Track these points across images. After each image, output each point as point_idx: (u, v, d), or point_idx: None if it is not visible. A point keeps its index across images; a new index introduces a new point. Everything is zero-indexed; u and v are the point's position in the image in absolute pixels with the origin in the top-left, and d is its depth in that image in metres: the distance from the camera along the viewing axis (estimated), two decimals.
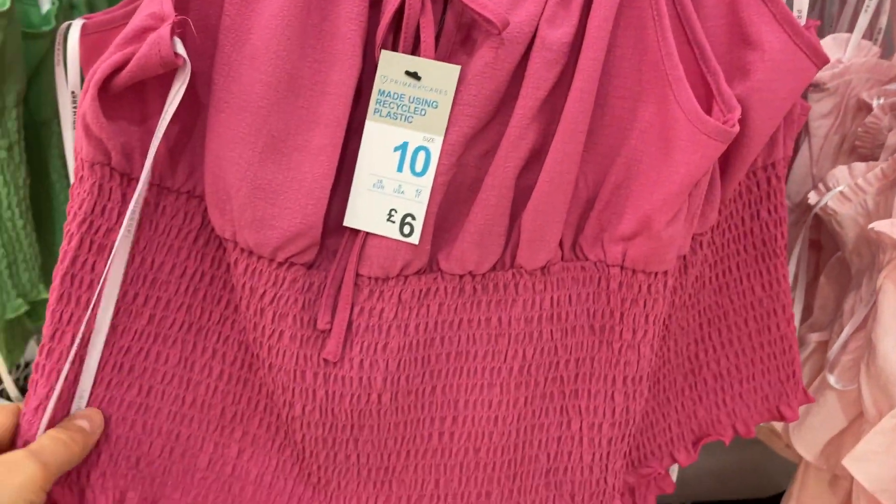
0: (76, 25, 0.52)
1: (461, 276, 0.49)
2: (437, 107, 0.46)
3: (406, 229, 0.47)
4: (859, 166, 0.70)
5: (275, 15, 0.45)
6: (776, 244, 0.56)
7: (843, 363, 0.71)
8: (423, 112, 0.46)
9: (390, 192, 0.47)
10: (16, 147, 0.66)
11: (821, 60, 0.50)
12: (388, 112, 0.47)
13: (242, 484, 0.51)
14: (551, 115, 0.47)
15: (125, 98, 0.47)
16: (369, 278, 0.49)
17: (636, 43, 0.47)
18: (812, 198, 0.72)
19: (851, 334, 0.71)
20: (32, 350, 0.84)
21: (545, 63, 0.45)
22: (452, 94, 0.46)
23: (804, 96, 0.77)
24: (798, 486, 0.80)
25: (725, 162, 0.51)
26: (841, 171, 0.71)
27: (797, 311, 0.76)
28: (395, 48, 0.47)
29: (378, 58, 0.46)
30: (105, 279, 0.47)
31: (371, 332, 0.49)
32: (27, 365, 0.93)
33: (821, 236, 0.80)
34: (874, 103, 0.72)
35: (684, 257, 0.52)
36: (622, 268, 0.49)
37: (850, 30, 0.72)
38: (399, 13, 0.46)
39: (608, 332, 0.51)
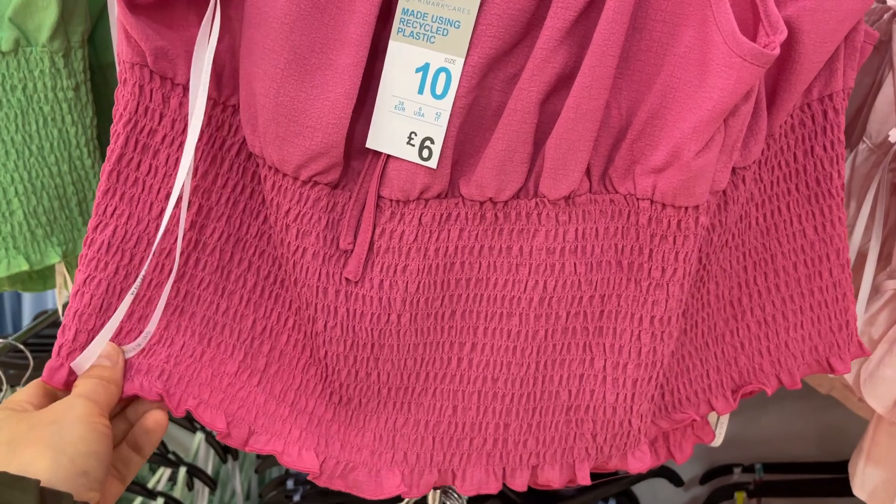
0: None
1: (482, 203, 0.48)
2: (459, 27, 0.45)
3: (425, 153, 0.46)
4: None
5: None
6: (831, 184, 0.53)
7: None
8: (445, 32, 0.45)
9: (411, 114, 0.47)
10: (83, 87, 0.69)
11: None
12: (412, 31, 0.46)
13: (266, 397, 0.53)
14: (583, 39, 0.45)
15: (159, 4, 0.48)
16: (391, 200, 0.49)
17: None
18: (893, 135, 0.66)
19: None
20: None
21: None
22: (475, 14, 0.44)
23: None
24: (869, 441, 0.76)
25: (773, 90, 0.48)
26: None
27: (872, 259, 0.71)
28: None
29: None
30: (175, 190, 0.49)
31: (391, 254, 0.49)
32: None
33: None
34: None
35: (724, 192, 0.49)
36: (652, 201, 0.47)
37: None
38: None
39: (636, 269, 0.49)
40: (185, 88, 0.50)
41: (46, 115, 0.68)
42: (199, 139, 0.51)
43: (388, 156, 0.48)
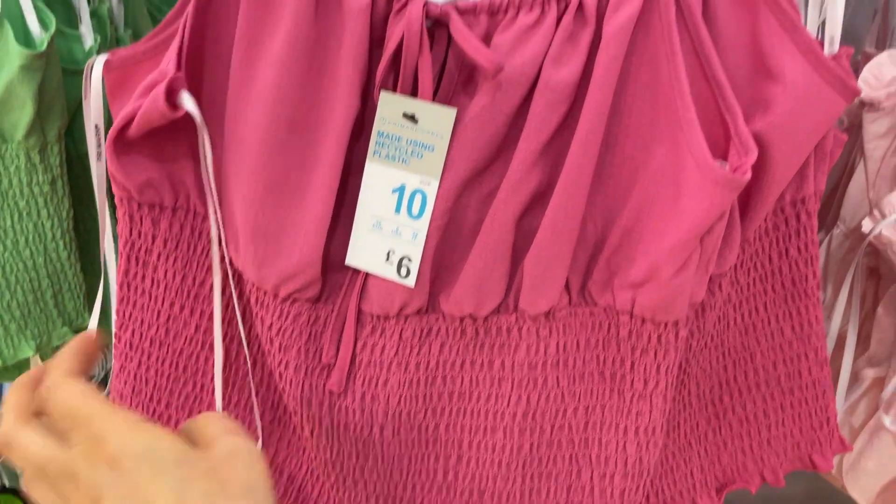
0: (100, 61, 0.54)
1: (462, 318, 0.48)
2: (433, 150, 0.45)
3: (403, 271, 0.47)
4: None
5: (278, 59, 0.45)
6: (807, 284, 0.53)
7: None
8: (419, 155, 0.46)
9: (388, 233, 0.47)
10: (59, 181, 0.69)
11: (849, 93, 0.46)
12: (387, 154, 0.47)
13: (280, 482, 0.55)
14: (557, 157, 0.46)
15: (143, 142, 0.50)
16: (371, 315, 0.49)
17: (649, 81, 0.45)
18: (866, 225, 0.68)
19: None
20: None
21: (548, 105, 0.44)
22: (448, 138, 0.45)
23: (853, 118, 0.73)
24: None
25: (746, 200, 0.49)
26: None
27: (850, 343, 0.72)
28: (395, 89, 0.46)
29: (377, 100, 0.46)
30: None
31: (373, 367, 0.50)
32: None
33: (880, 264, 0.75)
34: None
35: (701, 300, 0.49)
36: (632, 315, 0.47)
37: None
38: (398, 54, 0.45)
39: (619, 380, 0.49)
40: (173, 210, 0.53)
41: (22, 210, 0.67)
42: (193, 251, 0.54)
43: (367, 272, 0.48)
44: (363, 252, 0.48)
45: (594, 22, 0.44)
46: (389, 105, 0.46)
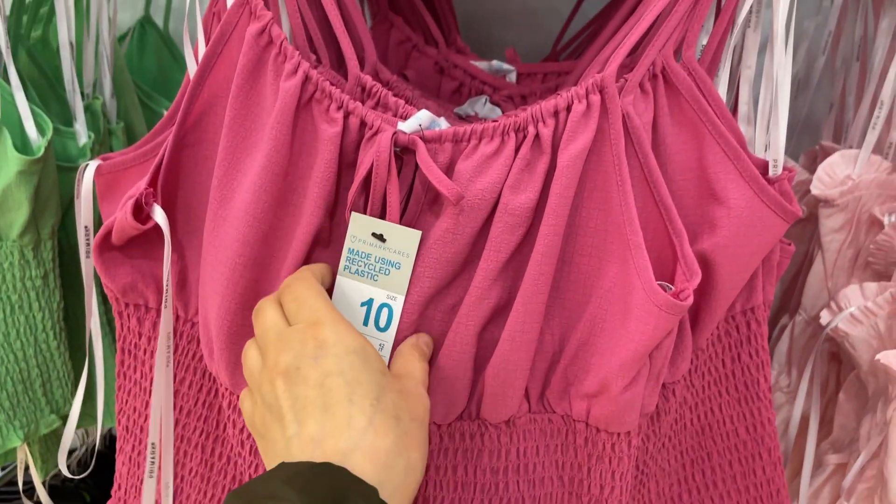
0: (91, 166, 0.58)
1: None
2: (399, 268, 0.48)
3: None
4: (871, 287, 0.69)
5: (254, 184, 0.49)
6: (759, 388, 0.56)
7: (859, 491, 0.68)
8: (387, 272, 0.49)
9: None
10: (51, 274, 0.72)
11: (790, 216, 0.50)
12: (357, 269, 0.49)
13: None
14: (516, 274, 0.49)
15: (127, 248, 0.55)
16: None
17: (601, 204, 0.48)
18: (824, 317, 0.71)
19: (867, 462, 0.68)
20: None
21: (507, 227, 0.47)
22: (414, 257, 0.48)
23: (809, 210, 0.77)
24: None
25: (697, 313, 0.52)
26: (853, 291, 0.69)
27: (812, 430, 0.74)
28: (365, 209, 0.50)
29: (348, 219, 0.49)
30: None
31: None
32: None
33: (840, 351, 0.77)
34: (885, 220, 0.70)
35: (656, 405, 0.52)
36: (587, 424, 0.50)
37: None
38: (370, 177, 0.49)
39: (577, 484, 0.51)
40: (157, 311, 0.57)
41: (14, 304, 0.70)
42: (175, 351, 0.57)
43: None
44: None
45: (550, 151, 0.47)
46: (360, 225, 0.49)
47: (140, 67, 0.94)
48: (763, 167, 0.53)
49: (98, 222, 0.59)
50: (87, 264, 0.60)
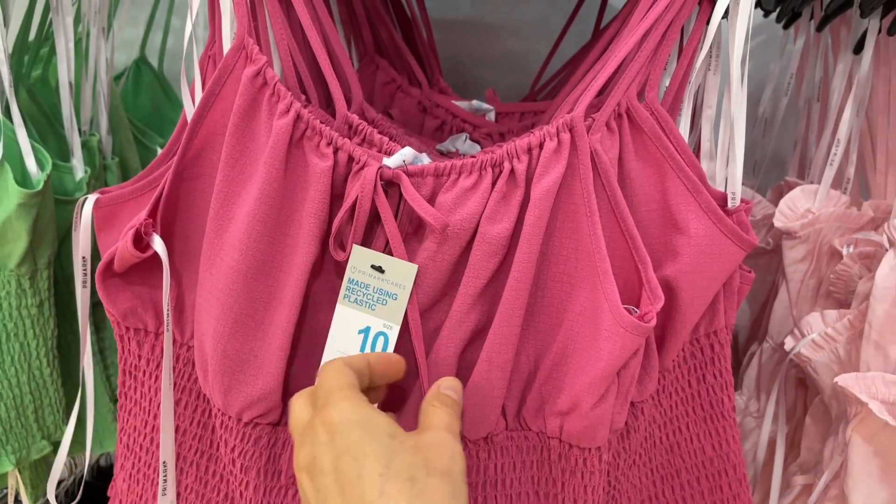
0: (90, 200, 0.61)
1: None
2: (396, 299, 0.51)
3: None
4: (831, 314, 0.72)
5: (250, 213, 0.52)
6: (723, 407, 0.59)
7: None
8: (384, 302, 0.52)
9: None
10: (46, 303, 0.74)
11: (746, 245, 0.54)
12: (356, 299, 0.52)
13: None
14: (493, 298, 0.52)
15: (127, 275, 0.58)
16: None
17: (571, 234, 0.52)
18: (788, 343, 0.74)
19: (830, 481, 0.71)
20: None
21: (485, 255, 0.51)
22: (410, 288, 0.51)
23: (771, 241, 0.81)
24: None
25: (662, 335, 0.55)
26: (814, 318, 0.73)
27: (779, 452, 0.77)
28: (354, 238, 0.53)
29: (332, 250, 0.52)
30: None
31: None
32: None
33: (805, 375, 0.81)
34: (844, 251, 0.74)
35: (625, 423, 0.55)
36: (560, 440, 0.53)
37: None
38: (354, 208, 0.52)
39: (552, 499, 0.54)
40: (155, 335, 0.59)
41: (10, 331, 0.72)
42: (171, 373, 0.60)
43: None
44: None
45: (524, 185, 0.51)
46: (360, 257, 0.52)
47: (135, 105, 0.98)
48: (722, 199, 0.56)
49: (94, 253, 0.62)
50: (84, 294, 0.63)
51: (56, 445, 0.77)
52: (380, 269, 0.52)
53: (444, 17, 1.05)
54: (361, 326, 0.52)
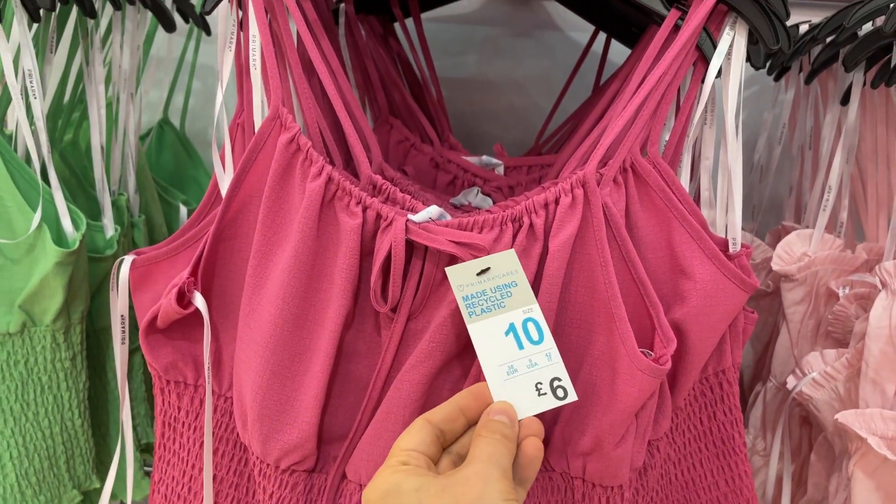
0: (127, 261, 0.64)
1: None
2: (517, 285, 0.51)
3: (560, 392, 0.48)
4: (830, 353, 0.76)
5: (285, 270, 0.55)
6: (734, 443, 0.62)
7: None
8: (509, 294, 0.51)
9: (525, 369, 0.48)
10: (79, 356, 0.77)
11: (748, 287, 0.57)
12: (482, 309, 0.50)
13: None
14: None
15: (169, 331, 0.61)
16: (357, 484, 0.56)
17: (587, 282, 0.55)
18: (790, 382, 0.77)
19: None
20: None
21: None
22: (523, 270, 0.51)
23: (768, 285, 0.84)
24: None
25: (674, 375, 0.58)
26: (814, 358, 0.76)
27: (786, 490, 0.79)
28: (385, 289, 0.56)
29: (376, 303, 0.55)
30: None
31: None
32: None
33: (809, 413, 0.84)
34: (840, 293, 0.78)
35: (644, 460, 0.58)
36: (583, 480, 0.55)
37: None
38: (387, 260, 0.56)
39: None
40: (195, 387, 0.62)
41: (44, 385, 0.75)
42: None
43: (349, 442, 0.56)
44: (516, 401, 0.47)
45: (542, 238, 0.55)
46: (459, 274, 0.51)
47: (158, 163, 1.02)
48: (724, 245, 0.60)
49: (129, 311, 0.66)
50: (122, 350, 0.66)
51: (86, 495, 0.79)
52: (485, 271, 0.51)
53: (451, 75, 1.10)
54: (505, 328, 0.49)
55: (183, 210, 0.98)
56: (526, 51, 1.11)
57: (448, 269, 0.51)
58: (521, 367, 0.48)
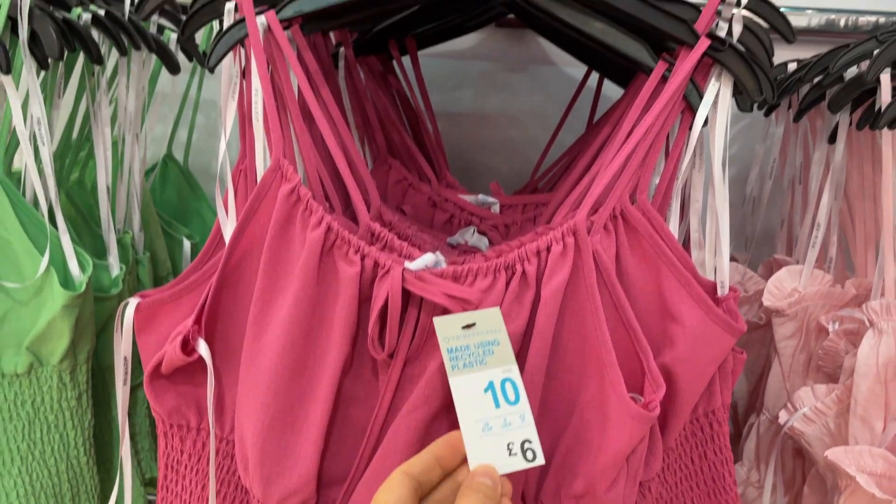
0: (132, 305, 0.66)
1: None
2: (499, 343, 0.52)
3: (529, 455, 0.49)
4: (821, 388, 0.77)
5: (286, 318, 0.57)
6: (724, 481, 0.63)
7: None
8: (491, 351, 0.52)
9: (499, 428, 0.49)
10: (84, 395, 0.78)
11: (736, 332, 0.59)
12: (465, 363, 0.52)
13: None
14: None
15: (173, 377, 0.62)
16: None
17: (579, 328, 0.57)
18: (782, 417, 0.79)
19: None
20: None
21: None
22: (505, 330, 0.53)
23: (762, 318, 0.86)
24: None
25: (664, 416, 0.60)
26: (805, 393, 0.78)
27: None
28: (382, 336, 0.58)
29: (372, 349, 0.57)
30: None
31: None
32: None
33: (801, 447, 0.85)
34: (830, 328, 0.79)
35: (635, 502, 0.59)
36: None
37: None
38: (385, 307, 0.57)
39: None
40: (197, 430, 0.64)
41: (51, 424, 0.77)
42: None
43: (347, 487, 0.57)
44: (487, 457, 0.48)
45: (535, 284, 0.57)
46: (446, 326, 0.53)
47: (162, 198, 1.04)
48: (713, 288, 0.62)
49: (134, 353, 0.67)
50: (124, 391, 0.68)
51: None
52: (471, 326, 0.53)
53: (449, 109, 1.13)
54: (484, 385, 0.50)
55: (186, 244, 1.00)
56: (521, 85, 1.13)
57: (436, 319, 0.52)
58: (496, 426, 0.49)
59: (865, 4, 1.03)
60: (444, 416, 0.57)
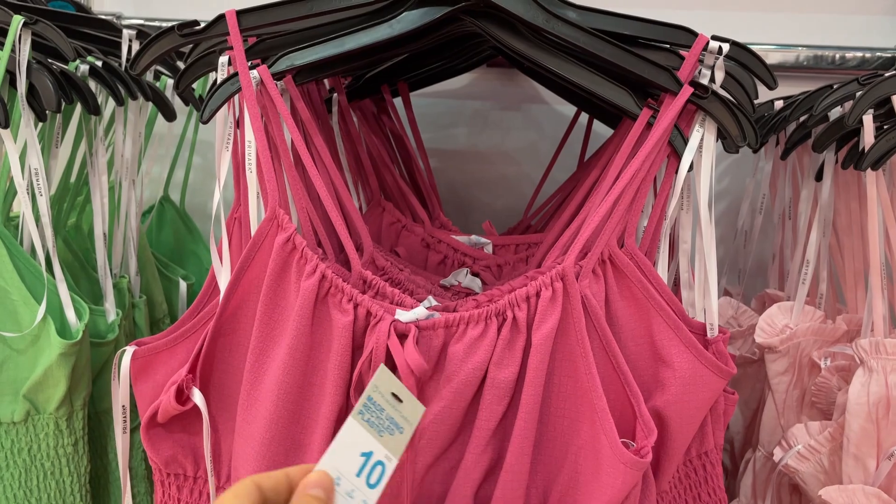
0: (128, 354, 0.66)
1: None
2: (402, 433, 0.53)
3: None
4: (814, 426, 0.77)
5: (281, 366, 0.58)
6: None
7: None
8: (392, 432, 0.52)
9: (343, 492, 0.48)
10: (80, 441, 0.79)
11: (725, 374, 0.60)
12: (369, 419, 0.51)
13: None
14: (503, 436, 0.58)
15: (169, 426, 0.63)
16: None
17: (570, 373, 0.58)
18: (777, 454, 0.79)
19: None
20: None
21: (495, 399, 0.56)
22: (414, 428, 0.55)
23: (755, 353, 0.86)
24: None
25: (657, 459, 0.60)
26: (799, 430, 0.78)
27: None
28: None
29: (353, 401, 0.58)
30: None
31: None
32: None
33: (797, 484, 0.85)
34: (822, 364, 0.80)
35: None
36: None
37: None
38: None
39: None
40: (194, 479, 0.64)
41: (47, 471, 0.77)
42: None
43: None
44: None
45: (525, 331, 0.57)
46: (385, 381, 0.52)
47: (158, 240, 1.05)
48: (702, 329, 0.63)
49: (130, 398, 0.68)
50: (123, 440, 0.68)
51: None
52: (398, 399, 0.53)
53: (443, 146, 1.14)
54: (366, 449, 0.50)
55: (183, 285, 1.01)
56: (514, 123, 1.15)
57: (382, 367, 0.52)
58: (344, 487, 0.48)
59: (852, 41, 1.05)
60: (439, 463, 0.58)
